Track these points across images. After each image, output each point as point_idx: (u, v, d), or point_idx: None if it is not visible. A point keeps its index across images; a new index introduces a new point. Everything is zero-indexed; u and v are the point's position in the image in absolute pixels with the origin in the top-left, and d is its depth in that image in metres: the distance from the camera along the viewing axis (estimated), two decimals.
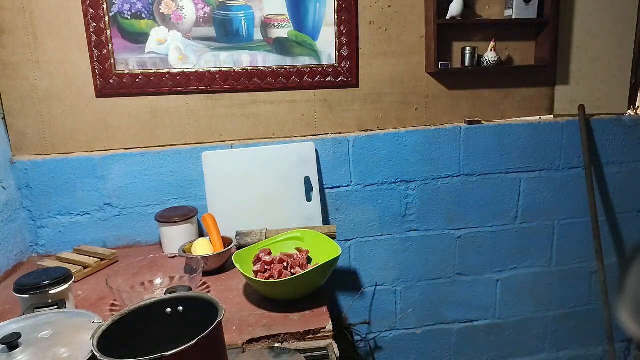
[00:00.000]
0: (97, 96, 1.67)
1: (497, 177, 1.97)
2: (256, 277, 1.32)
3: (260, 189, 1.75)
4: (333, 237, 1.57)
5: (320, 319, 1.21)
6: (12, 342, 0.87)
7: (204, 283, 1.43)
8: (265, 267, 1.35)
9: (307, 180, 1.78)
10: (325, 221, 1.88)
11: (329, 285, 1.98)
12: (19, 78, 1.61)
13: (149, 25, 1.63)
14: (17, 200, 1.67)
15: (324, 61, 1.76)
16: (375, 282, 2.01)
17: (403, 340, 2.10)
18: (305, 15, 1.71)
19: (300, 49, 1.74)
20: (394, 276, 2.01)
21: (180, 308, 0.95)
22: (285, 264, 1.34)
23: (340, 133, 1.86)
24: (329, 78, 1.78)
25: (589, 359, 2.26)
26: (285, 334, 1.15)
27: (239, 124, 1.78)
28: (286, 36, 1.72)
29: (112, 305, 1.31)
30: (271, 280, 1.27)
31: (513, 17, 1.79)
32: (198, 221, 1.69)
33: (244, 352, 1.11)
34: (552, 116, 1.99)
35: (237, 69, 1.72)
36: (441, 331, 2.12)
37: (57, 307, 1.09)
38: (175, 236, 1.60)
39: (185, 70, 1.69)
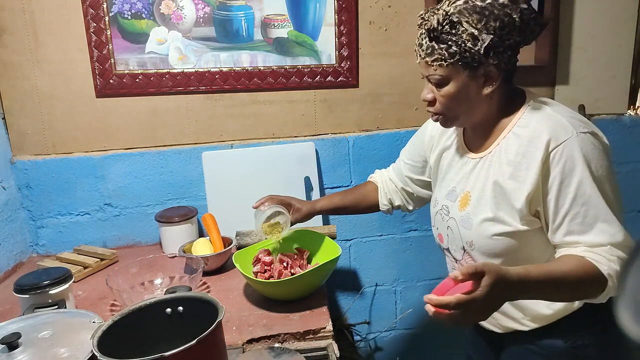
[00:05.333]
0: (97, 96, 1.67)
1: None
2: (256, 277, 1.32)
3: (260, 189, 1.74)
4: (333, 237, 1.57)
5: (320, 319, 1.21)
6: (12, 342, 0.87)
7: (204, 283, 1.43)
8: (265, 267, 1.35)
9: (307, 180, 1.78)
10: (325, 221, 1.88)
11: (329, 285, 1.96)
12: (19, 78, 1.61)
13: (149, 25, 1.63)
14: (17, 200, 1.67)
15: (324, 61, 1.76)
16: (375, 282, 2.01)
17: (403, 340, 2.10)
18: (305, 15, 1.71)
19: (300, 49, 1.74)
20: (393, 276, 2.01)
21: (180, 308, 0.95)
22: (285, 264, 1.34)
23: (340, 133, 1.86)
24: (329, 78, 1.78)
25: None
26: (285, 334, 1.16)
27: (239, 124, 1.78)
28: (286, 36, 1.72)
29: (112, 305, 1.31)
30: (271, 280, 1.27)
31: None
32: (198, 221, 1.69)
33: (244, 352, 1.11)
34: None
35: (237, 69, 1.72)
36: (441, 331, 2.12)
37: (57, 307, 1.10)
38: (175, 236, 1.60)
39: (185, 70, 1.69)
